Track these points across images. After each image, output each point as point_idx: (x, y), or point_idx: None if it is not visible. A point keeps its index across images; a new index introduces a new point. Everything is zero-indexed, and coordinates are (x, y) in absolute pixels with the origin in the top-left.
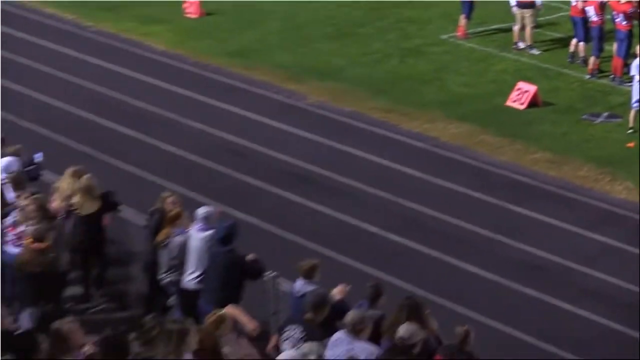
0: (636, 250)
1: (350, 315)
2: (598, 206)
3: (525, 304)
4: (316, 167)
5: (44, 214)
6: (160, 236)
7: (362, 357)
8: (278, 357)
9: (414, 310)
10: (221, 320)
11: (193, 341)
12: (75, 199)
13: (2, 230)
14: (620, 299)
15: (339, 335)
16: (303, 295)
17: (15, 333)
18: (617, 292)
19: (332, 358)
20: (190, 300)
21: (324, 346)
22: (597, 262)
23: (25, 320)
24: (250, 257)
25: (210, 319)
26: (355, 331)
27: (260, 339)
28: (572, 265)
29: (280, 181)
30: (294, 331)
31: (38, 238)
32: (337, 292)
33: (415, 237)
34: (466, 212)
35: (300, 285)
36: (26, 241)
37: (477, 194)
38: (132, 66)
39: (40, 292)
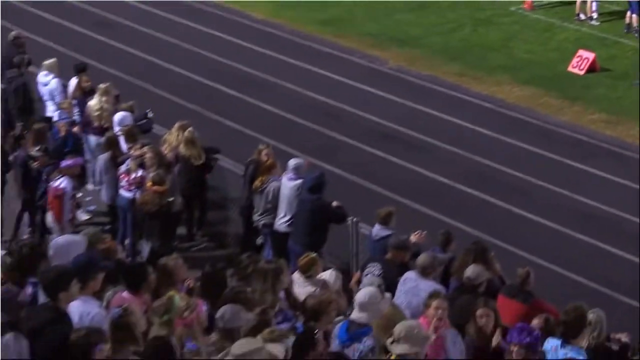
0: None
1: (421, 259)
2: None
3: (581, 250)
4: (396, 125)
5: (160, 161)
6: (256, 183)
7: (424, 295)
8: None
9: (479, 254)
10: (313, 262)
11: (286, 279)
12: (181, 149)
13: (116, 177)
14: None
15: (409, 274)
16: (380, 239)
17: (129, 265)
18: None
19: (401, 293)
20: (280, 241)
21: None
22: None
23: (145, 253)
24: (334, 204)
25: (303, 260)
26: (425, 273)
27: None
28: (624, 215)
29: (363, 137)
30: (374, 268)
31: (158, 182)
32: (413, 238)
33: (483, 188)
34: (530, 167)
35: (377, 230)
36: (147, 184)
37: (539, 151)
38: (234, 33)
39: (158, 230)
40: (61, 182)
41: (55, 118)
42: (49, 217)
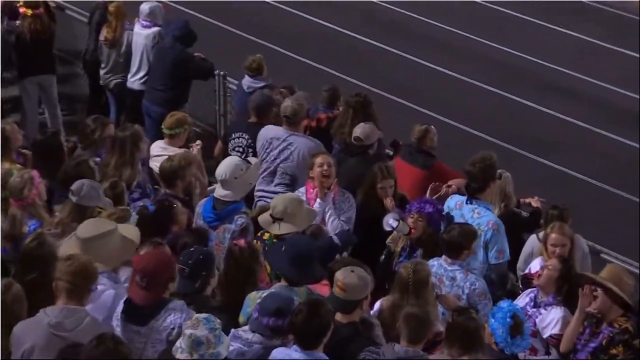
0: (613, 47)
1: (285, 103)
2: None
3: (487, 101)
4: None
5: None
6: (104, 33)
7: (296, 150)
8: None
9: (361, 109)
10: (182, 121)
11: (145, 146)
12: None
13: None
14: (594, 98)
15: (277, 131)
16: (254, 92)
17: None
18: (598, 91)
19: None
20: (135, 101)
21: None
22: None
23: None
24: (198, 55)
25: (169, 118)
26: (292, 123)
27: (209, 140)
28: (541, 62)
29: None
30: (240, 139)
31: (34, 5)
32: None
33: (375, 34)
34: (431, 10)
35: (249, 82)
36: (22, 10)
37: None
38: None
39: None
40: None
41: None
42: None
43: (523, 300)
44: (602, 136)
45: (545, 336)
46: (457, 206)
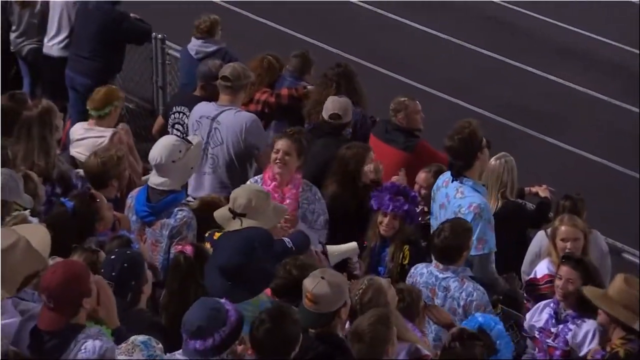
0: None
1: (227, 65)
2: None
3: (483, 68)
4: None
5: None
6: None
7: (224, 128)
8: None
9: (345, 81)
10: (112, 96)
11: (61, 123)
12: None
13: None
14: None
15: (207, 107)
16: (204, 57)
17: None
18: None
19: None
20: (54, 71)
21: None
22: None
23: None
24: (133, 15)
25: (97, 94)
26: (229, 89)
27: (145, 118)
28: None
29: None
30: (181, 114)
31: None
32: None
33: None
34: None
35: (198, 45)
36: None
37: None
38: None
39: None
40: None
41: None
42: None
43: (539, 316)
44: (620, 109)
45: (582, 354)
46: (444, 184)
